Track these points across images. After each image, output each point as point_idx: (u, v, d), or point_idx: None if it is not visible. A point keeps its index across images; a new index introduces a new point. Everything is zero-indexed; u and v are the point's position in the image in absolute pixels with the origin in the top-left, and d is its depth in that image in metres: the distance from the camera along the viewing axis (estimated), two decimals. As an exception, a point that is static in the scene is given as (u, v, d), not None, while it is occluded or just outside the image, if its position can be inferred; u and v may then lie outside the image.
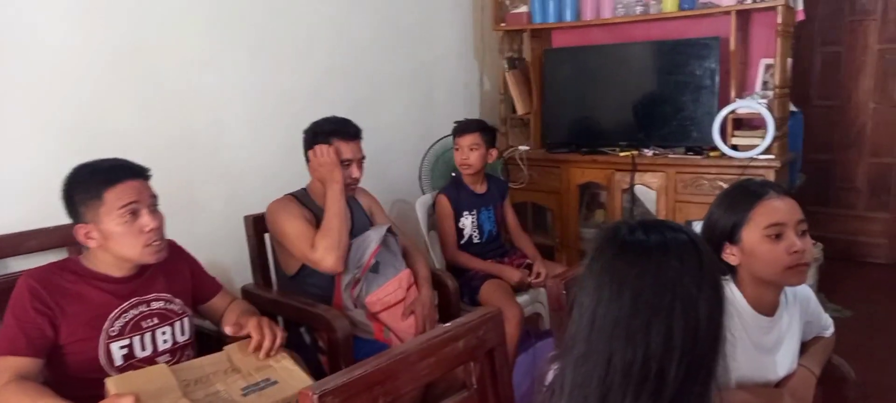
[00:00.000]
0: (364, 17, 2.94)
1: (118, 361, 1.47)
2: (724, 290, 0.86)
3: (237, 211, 2.22)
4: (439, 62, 3.38)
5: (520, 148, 3.38)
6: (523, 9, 3.38)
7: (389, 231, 2.10)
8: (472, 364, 1.15)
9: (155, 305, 1.55)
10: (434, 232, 2.66)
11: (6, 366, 1.35)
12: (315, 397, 0.88)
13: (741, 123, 2.93)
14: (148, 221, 1.46)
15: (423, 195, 2.84)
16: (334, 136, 2.02)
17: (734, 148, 2.86)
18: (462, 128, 2.57)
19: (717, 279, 0.86)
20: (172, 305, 1.58)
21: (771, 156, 2.77)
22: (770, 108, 2.78)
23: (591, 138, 3.30)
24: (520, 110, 3.45)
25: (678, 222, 0.94)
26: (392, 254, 2.08)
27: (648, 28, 3.20)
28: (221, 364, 1.47)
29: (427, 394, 1.80)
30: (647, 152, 3.08)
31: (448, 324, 1.13)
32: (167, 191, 1.58)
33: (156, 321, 1.54)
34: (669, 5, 2.98)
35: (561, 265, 2.94)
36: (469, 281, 2.45)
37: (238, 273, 2.27)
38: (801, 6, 2.90)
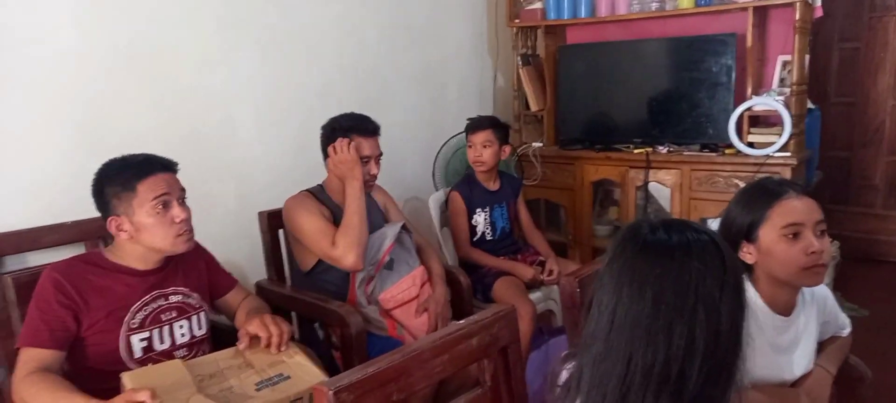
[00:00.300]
0: (376, 14, 2.94)
1: (137, 353, 1.49)
2: (746, 293, 0.86)
3: (249, 208, 2.24)
4: (452, 59, 3.38)
5: (533, 144, 3.38)
6: (538, 5, 3.37)
7: (404, 228, 2.10)
8: (485, 361, 1.15)
9: (173, 299, 1.57)
10: (447, 229, 2.66)
11: (28, 357, 1.37)
12: (331, 393, 0.88)
13: (757, 120, 2.90)
14: (179, 212, 1.50)
15: (436, 192, 2.84)
16: (354, 132, 2.00)
17: (750, 145, 2.84)
18: (475, 125, 2.57)
19: (740, 281, 0.85)
20: (190, 299, 1.60)
21: (787, 154, 2.75)
22: (787, 105, 2.75)
23: (606, 135, 3.28)
24: (533, 107, 3.44)
25: (694, 221, 0.94)
26: (406, 251, 2.08)
27: (664, 24, 3.17)
28: (235, 360, 1.48)
29: (439, 391, 1.81)
30: (662, 149, 3.06)
31: (462, 321, 1.13)
32: (180, 188, 1.60)
33: (174, 314, 1.56)
34: (686, 1, 2.96)
35: (574, 262, 2.93)
36: (482, 277, 2.45)
37: (251, 269, 2.29)
38: (819, 2, 2.87)
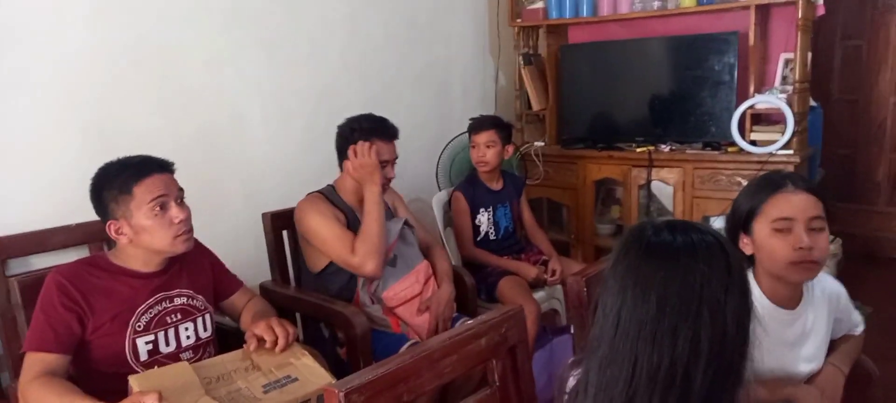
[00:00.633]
0: (379, 14, 2.95)
1: (143, 356, 1.49)
2: (751, 294, 0.85)
3: (256, 208, 2.23)
4: (454, 58, 3.38)
5: (535, 144, 3.38)
6: (539, 4, 3.37)
7: (406, 223, 2.09)
8: (493, 361, 1.15)
9: (178, 301, 1.57)
10: (450, 229, 2.66)
11: (34, 361, 1.37)
12: (341, 395, 0.88)
13: (760, 118, 2.90)
14: (177, 213, 1.49)
15: (439, 192, 2.84)
16: (374, 136, 1.97)
17: (753, 143, 2.84)
18: (478, 126, 2.57)
19: (745, 283, 0.85)
20: (195, 301, 1.60)
21: (790, 152, 2.75)
22: (789, 103, 2.75)
23: (608, 134, 3.28)
24: (535, 106, 3.44)
25: (697, 220, 0.94)
26: (409, 247, 2.08)
27: (666, 23, 3.17)
28: (242, 362, 1.48)
29: (444, 390, 1.80)
30: (664, 148, 3.06)
31: (470, 321, 1.13)
32: (186, 188, 1.59)
33: (179, 316, 1.56)
34: (687, 0, 2.95)
35: (576, 261, 2.93)
36: (486, 277, 2.44)
37: (257, 269, 2.29)
38: (821, 0, 2.86)
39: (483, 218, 2.57)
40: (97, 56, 2.05)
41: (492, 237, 2.59)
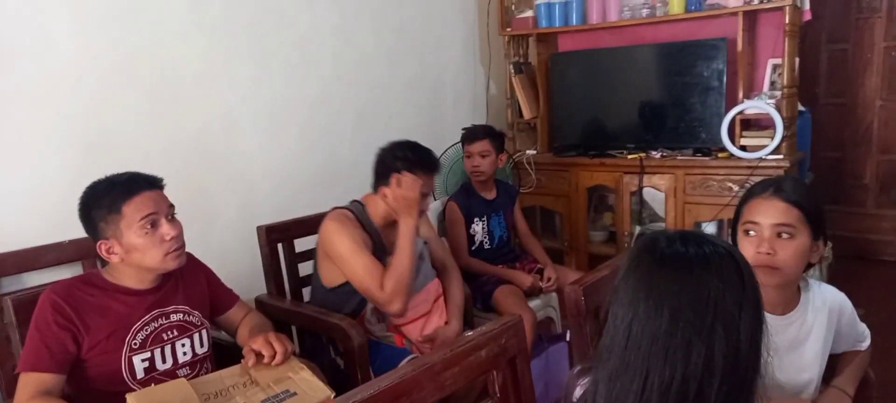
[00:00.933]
0: (369, 23, 2.96)
1: (140, 374, 1.47)
2: (764, 308, 0.84)
3: (250, 218, 2.23)
4: (445, 67, 3.40)
5: (527, 152, 3.39)
6: (529, 13, 3.39)
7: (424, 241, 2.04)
8: (494, 372, 1.15)
9: (174, 317, 1.55)
10: (445, 239, 2.66)
11: (28, 381, 1.36)
12: (343, 409, 0.88)
13: (749, 124, 2.93)
14: (168, 230, 1.47)
15: (433, 201, 2.84)
16: (418, 168, 1.90)
17: (743, 148, 2.86)
18: (472, 135, 2.58)
19: (758, 297, 0.84)
20: (191, 317, 1.59)
21: (780, 156, 2.77)
22: (778, 108, 2.78)
23: (599, 141, 3.30)
24: (526, 114, 3.45)
25: (688, 226, 0.94)
26: (421, 262, 2.00)
27: (655, 30, 3.20)
28: (241, 377, 1.47)
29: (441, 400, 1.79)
30: (656, 154, 3.08)
31: (470, 333, 1.13)
32: (180, 201, 1.59)
33: (175, 333, 1.55)
34: (676, 7, 2.98)
35: (571, 269, 2.94)
36: (481, 286, 2.45)
37: (252, 281, 2.28)
38: (807, 6, 2.90)
39: (478, 228, 2.57)
40: (91, 70, 2.04)
41: (486, 246, 2.59)
